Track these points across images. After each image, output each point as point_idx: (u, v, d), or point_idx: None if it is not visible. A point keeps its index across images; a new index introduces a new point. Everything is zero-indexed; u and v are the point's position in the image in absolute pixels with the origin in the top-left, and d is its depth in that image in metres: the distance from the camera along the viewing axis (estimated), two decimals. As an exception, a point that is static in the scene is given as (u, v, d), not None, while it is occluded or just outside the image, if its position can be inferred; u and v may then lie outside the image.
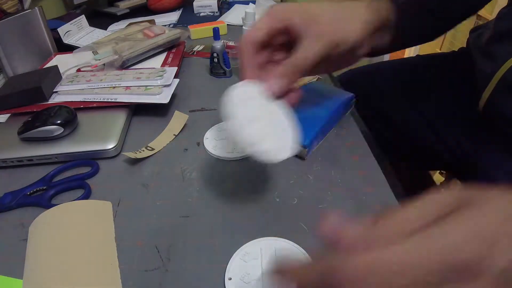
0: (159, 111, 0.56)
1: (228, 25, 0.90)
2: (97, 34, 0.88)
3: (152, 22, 0.87)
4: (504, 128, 0.51)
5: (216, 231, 0.37)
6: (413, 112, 0.65)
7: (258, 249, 0.34)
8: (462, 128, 0.59)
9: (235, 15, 0.98)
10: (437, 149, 0.63)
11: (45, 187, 0.43)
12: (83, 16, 0.91)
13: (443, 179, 1.00)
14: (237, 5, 1.06)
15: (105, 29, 0.94)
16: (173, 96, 0.55)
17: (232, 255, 0.34)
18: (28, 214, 0.40)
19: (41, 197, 0.41)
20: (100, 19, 1.00)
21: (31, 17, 0.69)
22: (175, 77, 0.58)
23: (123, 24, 0.95)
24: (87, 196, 0.42)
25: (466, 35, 0.66)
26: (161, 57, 0.69)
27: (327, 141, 0.48)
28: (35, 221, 0.38)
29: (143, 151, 0.48)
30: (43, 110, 0.50)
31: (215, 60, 0.65)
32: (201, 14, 1.05)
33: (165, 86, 0.55)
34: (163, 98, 0.53)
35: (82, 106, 0.54)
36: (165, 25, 0.94)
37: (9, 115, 0.55)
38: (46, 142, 0.48)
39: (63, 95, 0.56)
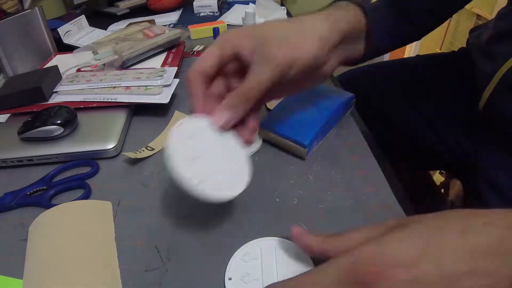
0: (159, 111, 0.56)
1: (228, 25, 0.90)
2: (97, 34, 0.88)
3: (152, 22, 0.87)
4: (504, 128, 0.51)
5: (216, 231, 0.37)
6: (413, 112, 0.65)
7: (258, 249, 0.34)
8: (462, 128, 0.59)
9: (235, 15, 0.99)
10: (437, 149, 0.63)
11: (45, 187, 0.43)
12: (83, 16, 0.91)
13: (443, 179, 1.00)
14: (237, 5, 1.06)
15: (105, 29, 0.94)
16: (173, 96, 0.55)
17: (232, 255, 0.34)
18: (28, 214, 0.40)
19: (41, 197, 0.41)
20: (100, 19, 1.00)
21: (31, 17, 0.69)
22: (175, 77, 0.58)
23: (123, 24, 0.95)
24: (87, 196, 0.42)
25: (466, 35, 0.66)
26: (161, 57, 0.69)
27: (327, 141, 0.48)
28: (35, 221, 0.38)
29: (143, 151, 0.48)
30: (43, 110, 0.50)
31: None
32: (201, 14, 1.05)
33: (165, 86, 0.55)
34: (163, 98, 0.53)
35: (82, 106, 0.54)
36: (165, 25, 0.94)
37: (9, 115, 0.55)
38: (46, 142, 0.48)
39: (63, 95, 0.57)
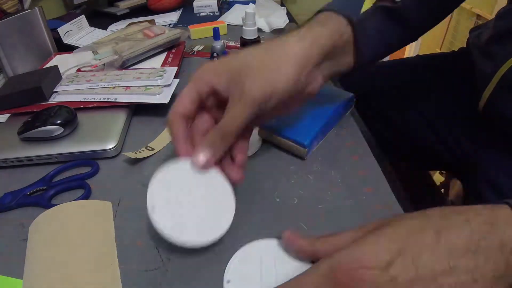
0: (159, 111, 0.56)
1: (228, 25, 0.90)
2: (97, 34, 0.88)
3: (152, 22, 0.87)
4: (504, 128, 0.51)
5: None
6: (413, 112, 0.65)
7: (257, 250, 0.34)
8: (462, 128, 0.59)
9: (235, 15, 0.98)
10: (437, 149, 0.63)
11: (45, 187, 0.43)
12: (83, 16, 0.91)
13: (443, 179, 1.00)
14: (237, 5, 1.06)
15: (105, 29, 0.94)
16: (173, 96, 0.55)
17: (231, 255, 0.34)
18: (28, 214, 0.40)
19: (41, 197, 0.41)
20: (100, 19, 1.00)
21: (31, 17, 0.69)
22: (175, 77, 0.58)
23: (123, 24, 0.95)
24: (87, 196, 0.42)
25: (466, 35, 0.66)
26: (161, 57, 0.69)
27: (327, 141, 0.48)
28: (35, 221, 0.38)
29: (143, 151, 0.48)
30: (43, 110, 0.50)
31: (215, 60, 0.65)
32: (201, 14, 1.05)
33: (165, 86, 0.55)
34: (163, 98, 0.53)
35: (82, 106, 0.54)
36: (165, 25, 0.94)
37: (9, 115, 0.55)
38: (46, 142, 0.48)
39: (63, 95, 0.57)
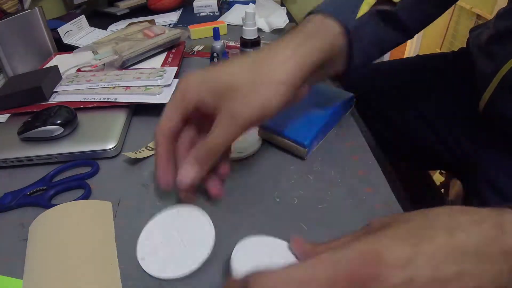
0: (159, 111, 0.55)
1: (228, 25, 0.90)
2: (97, 34, 0.88)
3: (152, 22, 0.87)
4: (504, 128, 0.51)
5: (216, 231, 0.37)
6: (413, 112, 0.65)
7: (258, 249, 0.34)
8: (462, 128, 0.59)
9: (235, 15, 0.99)
10: (437, 149, 0.63)
11: (45, 187, 0.43)
12: (83, 16, 0.91)
13: (443, 179, 1.00)
14: (237, 5, 1.06)
15: (105, 29, 0.94)
16: (173, 96, 0.55)
17: (231, 255, 0.34)
18: (28, 214, 0.40)
19: (41, 197, 0.41)
20: (100, 19, 1.00)
21: (31, 17, 0.69)
22: (175, 77, 0.58)
23: (123, 24, 0.95)
24: (87, 196, 0.42)
25: (466, 35, 0.66)
26: (161, 57, 0.69)
27: (327, 141, 0.48)
28: (35, 221, 0.38)
29: (143, 151, 0.48)
30: (43, 110, 0.50)
31: (215, 60, 0.65)
32: (201, 14, 1.05)
33: (165, 86, 0.55)
34: (163, 98, 0.53)
35: (82, 106, 0.54)
36: (165, 25, 0.94)
37: (9, 115, 0.55)
38: (46, 142, 0.48)
39: (63, 95, 0.57)
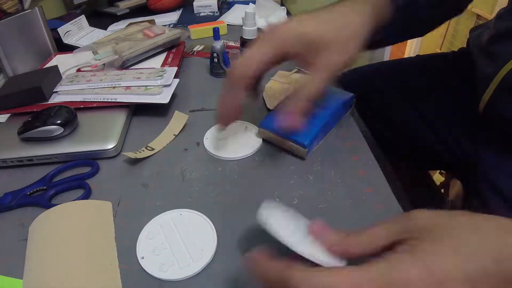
0: (159, 111, 0.56)
1: (228, 25, 0.90)
2: (97, 34, 0.88)
3: (152, 22, 0.87)
4: (504, 128, 0.51)
5: (215, 231, 0.37)
6: (413, 112, 0.65)
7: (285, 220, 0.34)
8: (462, 128, 0.59)
9: (235, 15, 0.99)
10: (437, 149, 0.63)
11: (45, 187, 0.43)
12: (83, 16, 0.91)
13: (443, 179, 1.00)
14: (237, 5, 1.06)
15: (105, 29, 0.94)
16: (173, 96, 0.55)
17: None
18: (28, 214, 0.40)
19: (41, 197, 0.41)
20: (100, 19, 1.00)
21: (31, 17, 0.69)
22: (175, 77, 0.58)
23: (123, 24, 0.95)
24: (87, 196, 0.42)
25: (466, 35, 0.66)
26: (161, 57, 0.69)
27: (327, 141, 0.48)
28: (35, 221, 0.38)
29: (143, 151, 0.48)
30: (43, 110, 0.50)
31: (215, 60, 0.65)
32: (201, 14, 1.05)
33: (165, 86, 0.55)
34: (163, 98, 0.53)
35: (82, 106, 0.54)
36: (165, 25, 0.94)
37: (9, 115, 0.55)
38: (46, 142, 0.48)
39: (63, 95, 0.57)
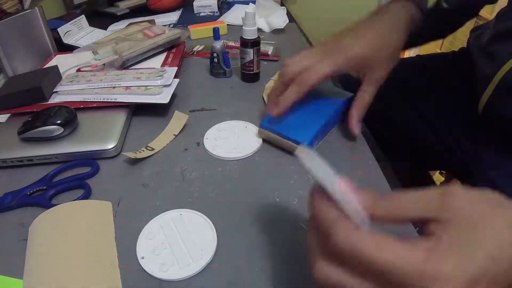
0: (159, 111, 0.56)
1: (228, 25, 0.90)
2: (97, 34, 0.88)
3: (152, 22, 0.87)
4: (503, 129, 0.51)
5: (215, 231, 0.37)
6: (413, 112, 0.64)
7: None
8: (462, 128, 0.59)
9: (235, 15, 0.99)
10: (437, 149, 0.63)
11: (45, 187, 0.43)
12: (83, 16, 0.91)
13: (443, 179, 1.00)
14: (237, 5, 1.06)
15: (105, 29, 0.94)
16: (173, 96, 0.55)
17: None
18: (28, 214, 0.40)
19: (41, 197, 0.41)
20: (100, 19, 1.00)
21: (31, 17, 0.69)
22: (175, 77, 0.58)
23: (123, 24, 0.95)
24: (87, 196, 0.42)
25: (466, 35, 0.65)
26: (161, 57, 0.69)
27: (327, 141, 0.48)
28: (35, 221, 0.38)
29: (143, 151, 0.48)
30: (43, 110, 0.50)
31: (215, 60, 0.65)
32: (201, 14, 1.05)
33: (165, 86, 0.55)
34: (163, 98, 0.53)
35: (82, 106, 0.54)
36: (165, 25, 0.94)
37: (9, 115, 0.55)
38: (46, 142, 0.48)
39: (63, 95, 0.57)
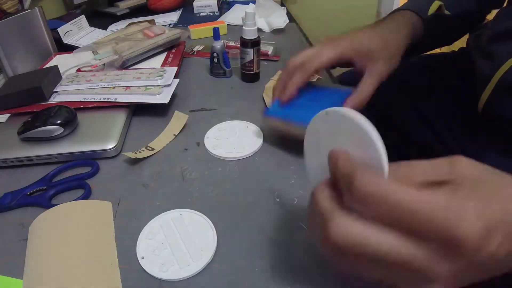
0: (159, 111, 0.56)
1: (228, 25, 0.90)
2: (97, 34, 0.88)
3: (152, 22, 0.87)
4: (503, 128, 0.51)
5: (215, 231, 0.37)
6: (413, 112, 0.64)
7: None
8: (462, 128, 0.59)
9: (235, 15, 0.99)
10: (437, 149, 0.63)
11: (45, 187, 0.43)
12: (83, 16, 0.91)
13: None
14: (237, 5, 1.06)
15: (105, 29, 0.94)
16: (173, 96, 0.55)
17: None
18: (28, 214, 0.40)
19: (41, 197, 0.41)
20: (100, 19, 1.00)
21: (31, 17, 0.69)
22: (175, 77, 0.58)
23: (123, 24, 0.95)
24: (87, 196, 0.42)
25: (466, 35, 0.66)
26: (161, 57, 0.69)
27: (327, 141, 0.48)
28: (35, 221, 0.38)
29: (143, 151, 0.48)
30: (43, 110, 0.50)
31: (215, 60, 0.65)
32: (201, 14, 1.05)
33: (165, 86, 0.55)
34: (163, 98, 0.53)
35: (82, 106, 0.54)
36: (165, 25, 0.94)
37: (9, 115, 0.55)
38: (46, 142, 0.48)
39: (63, 95, 0.57)
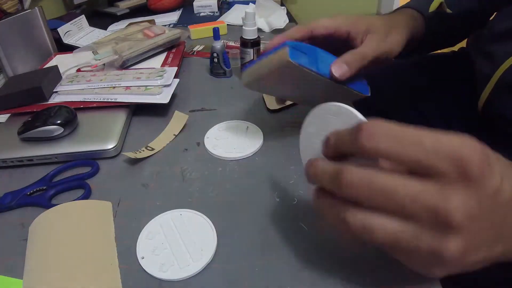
0: (159, 111, 0.56)
1: (228, 25, 0.90)
2: (97, 34, 0.88)
3: (152, 22, 0.88)
4: (503, 128, 0.51)
5: (215, 231, 0.37)
6: (413, 112, 0.65)
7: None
8: (462, 127, 0.59)
9: (235, 15, 0.99)
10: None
11: (45, 187, 0.43)
12: (83, 16, 0.91)
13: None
14: (237, 5, 1.07)
15: (105, 29, 0.94)
16: (173, 96, 0.55)
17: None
18: (28, 214, 0.40)
19: (41, 197, 0.41)
20: (100, 19, 1.01)
21: (31, 17, 0.69)
22: (175, 77, 0.58)
23: (123, 24, 0.95)
24: (87, 196, 0.42)
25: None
26: (161, 57, 0.69)
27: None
28: (35, 221, 0.38)
29: (143, 151, 0.48)
30: (43, 110, 0.50)
31: (215, 60, 0.65)
32: (201, 14, 1.05)
33: (165, 86, 0.55)
34: (163, 98, 0.53)
35: (82, 106, 0.54)
36: (165, 25, 0.94)
37: (9, 115, 0.55)
38: (46, 142, 0.48)
39: (63, 95, 0.57)
